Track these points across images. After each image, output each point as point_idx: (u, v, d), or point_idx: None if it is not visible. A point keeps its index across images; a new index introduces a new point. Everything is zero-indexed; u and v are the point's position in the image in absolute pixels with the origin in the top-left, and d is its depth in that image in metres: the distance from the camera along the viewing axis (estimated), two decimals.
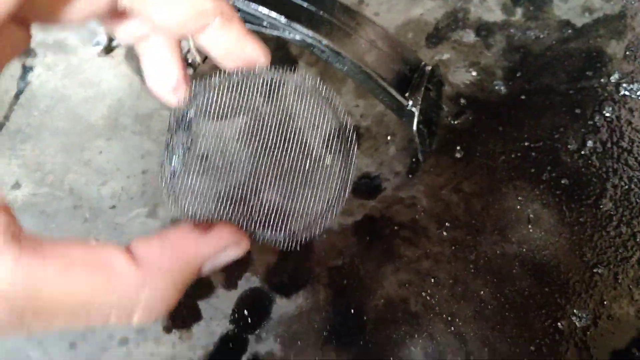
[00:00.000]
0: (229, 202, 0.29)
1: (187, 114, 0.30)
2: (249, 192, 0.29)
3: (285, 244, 0.30)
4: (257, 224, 0.30)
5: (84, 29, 0.65)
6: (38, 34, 0.67)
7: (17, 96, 0.63)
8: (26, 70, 0.65)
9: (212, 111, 0.29)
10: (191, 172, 0.29)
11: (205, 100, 0.30)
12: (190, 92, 0.30)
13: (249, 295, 0.53)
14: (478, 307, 0.49)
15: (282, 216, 0.30)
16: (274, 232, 0.30)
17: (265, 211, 0.29)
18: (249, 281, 0.53)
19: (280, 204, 0.30)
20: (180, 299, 0.26)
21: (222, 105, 0.30)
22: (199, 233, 0.27)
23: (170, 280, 0.25)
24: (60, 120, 0.62)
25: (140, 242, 0.24)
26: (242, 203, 0.29)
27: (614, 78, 0.58)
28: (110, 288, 0.22)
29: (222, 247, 0.27)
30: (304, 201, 0.30)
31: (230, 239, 0.28)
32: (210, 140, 0.29)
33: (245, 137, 0.29)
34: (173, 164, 0.29)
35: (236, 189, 0.29)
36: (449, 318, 0.49)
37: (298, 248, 0.30)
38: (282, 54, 0.64)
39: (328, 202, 0.30)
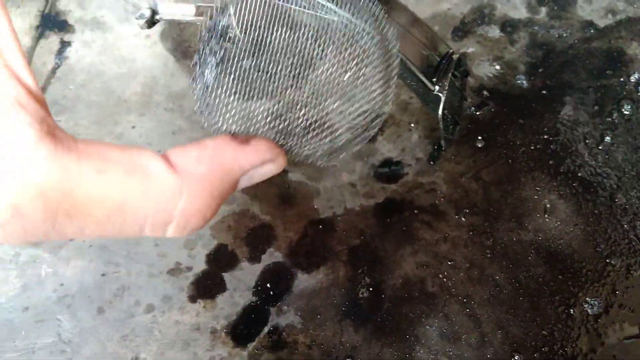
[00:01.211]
0: (265, 117, 0.26)
1: (218, 23, 0.27)
2: (286, 106, 0.26)
3: (323, 162, 0.28)
4: (295, 139, 0.27)
5: (120, 8, 0.68)
6: (76, 11, 0.69)
7: (54, 70, 0.65)
8: (64, 45, 0.67)
9: (244, 19, 0.27)
10: (224, 86, 0.26)
11: (237, 8, 0.27)
12: (221, 2, 0.27)
13: (272, 270, 0.54)
14: (493, 290, 0.51)
15: (320, 132, 0.27)
16: (311, 148, 0.28)
17: (303, 127, 0.27)
18: (272, 256, 0.55)
19: (319, 119, 0.27)
20: (216, 214, 0.24)
21: (254, 13, 0.27)
22: (237, 144, 0.25)
23: (209, 189, 0.23)
24: (95, 95, 0.64)
25: (178, 150, 0.23)
26: (279, 118, 0.26)
27: (634, 78, 0.59)
28: (146, 192, 0.21)
29: (260, 160, 0.26)
30: (343, 115, 0.27)
31: (268, 153, 0.26)
32: (244, 49, 0.26)
33: (280, 46, 0.26)
34: (205, 78, 0.27)
35: (272, 102, 0.26)
36: (465, 300, 0.51)
37: (337, 164, 0.27)
38: None
39: (368, 114, 0.28)
